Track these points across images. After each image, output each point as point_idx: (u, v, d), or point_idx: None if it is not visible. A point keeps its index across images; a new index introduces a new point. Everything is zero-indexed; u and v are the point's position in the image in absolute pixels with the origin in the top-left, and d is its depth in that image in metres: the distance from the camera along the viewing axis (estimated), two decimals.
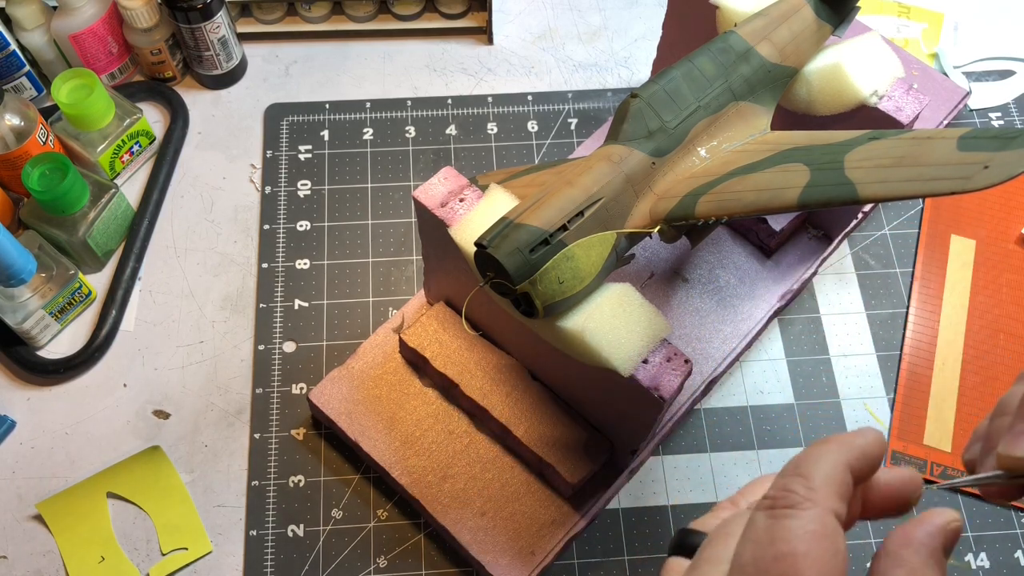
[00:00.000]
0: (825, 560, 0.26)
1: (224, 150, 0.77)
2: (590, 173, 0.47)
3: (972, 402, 0.66)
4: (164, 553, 0.61)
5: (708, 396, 0.66)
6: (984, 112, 0.79)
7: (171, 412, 0.66)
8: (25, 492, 0.63)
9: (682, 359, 0.48)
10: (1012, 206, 0.74)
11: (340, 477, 0.63)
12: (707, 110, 0.51)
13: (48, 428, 0.65)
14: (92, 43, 0.74)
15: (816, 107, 0.57)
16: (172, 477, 0.63)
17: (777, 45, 0.53)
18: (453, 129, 0.78)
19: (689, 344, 0.64)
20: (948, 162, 0.39)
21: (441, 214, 0.52)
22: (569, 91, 0.80)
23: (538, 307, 0.46)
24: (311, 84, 0.80)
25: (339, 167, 0.75)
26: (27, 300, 0.64)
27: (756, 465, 0.64)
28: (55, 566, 0.60)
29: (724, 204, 0.45)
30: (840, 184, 0.42)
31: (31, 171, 0.65)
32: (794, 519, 0.27)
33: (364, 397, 0.63)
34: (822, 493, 0.28)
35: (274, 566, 0.60)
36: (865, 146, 0.44)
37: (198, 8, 0.71)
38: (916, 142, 0.42)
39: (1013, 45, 0.83)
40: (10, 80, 0.74)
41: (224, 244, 0.72)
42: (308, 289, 0.70)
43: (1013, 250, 0.72)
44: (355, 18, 0.82)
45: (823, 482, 0.28)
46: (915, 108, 0.57)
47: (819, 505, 0.28)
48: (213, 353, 0.68)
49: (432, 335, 0.62)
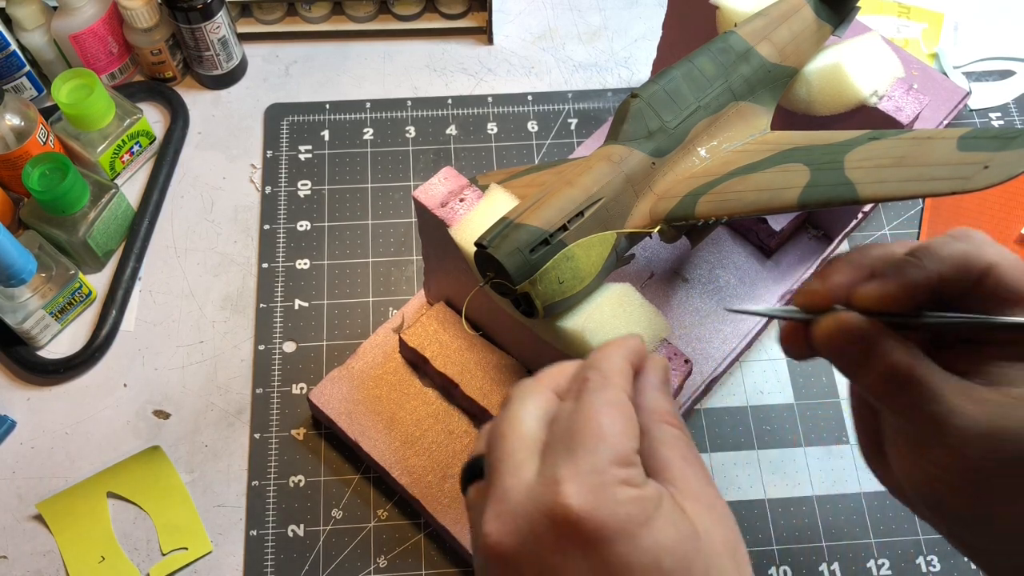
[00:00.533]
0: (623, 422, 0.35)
1: (224, 150, 0.77)
2: (590, 173, 0.47)
3: None
4: (164, 553, 0.61)
5: (708, 396, 0.66)
6: (984, 112, 0.79)
7: (171, 412, 0.66)
8: (25, 492, 0.63)
9: (682, 359, 0.48)
10: (1012, 206, 0.74)
11: (340, 477, 0.63)
12: (707, 110, 0.51)
13: (48, 428, 0.65)
14: (92, 43, 0.74)
15: (816, 107, 0.57)
16: (172, 477, 0.63)
17: (777, 45, 0.53)
18: (453, 129, 0.78)
19: (689, 344, 0.64)
20: (948, 162, 0.39)
21: (441, 214, 0.52)
22: (569, 91, 0.80)
23: (538, 307, 0.46)
24: (311, 84, 0.80)
25: (339, 167, 0.75)
26: (27, 300, 0.64)
27: (756, 465, 0.64)
28: (55, 566, 0.60)
29: (724, 204, 0.45)
30: (840, 184, 0.42)
31: (31, 171, 0.65)
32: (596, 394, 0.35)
33: (364, 397, 0.63)
34: (614, 378, 0.36)
35: (274, 566, 0.60)
36: (865, 146, 0.44)
37: (198, 8, 0.71)
38: (916, 142, 0.42)
39: (1013, 45, 0.83)
40: (10, 80, 0.74)
41: (224, 244, 0.72)
42: (308, 289, 0.70)
43: (1013, 250, 0.72)
44: (355, 18, 0.82)
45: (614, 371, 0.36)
46: (915, 108, 0.57)
47: (613, 386, 0.36)
48: (213, 353, 0.68)
49: (432, 335, 0.62)
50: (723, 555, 0.34)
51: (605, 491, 0.32)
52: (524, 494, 0.34)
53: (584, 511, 0.32)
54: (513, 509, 0.33)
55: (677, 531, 0.33)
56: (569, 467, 0.33)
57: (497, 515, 0.34)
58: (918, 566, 0.61)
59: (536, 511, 0.33)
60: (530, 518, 0.33)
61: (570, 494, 0.32)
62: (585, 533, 0.32)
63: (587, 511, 0.32)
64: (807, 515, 0.63)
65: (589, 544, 0.32)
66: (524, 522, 0.33)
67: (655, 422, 0.37)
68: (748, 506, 0.63)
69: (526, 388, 0.37)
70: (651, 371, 0.39)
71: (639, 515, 0.32)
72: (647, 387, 0.38)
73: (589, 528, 0.32)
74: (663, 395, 0.38)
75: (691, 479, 0.35)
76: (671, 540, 0.32)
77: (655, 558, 0.32)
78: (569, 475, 0.33)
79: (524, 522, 0.33)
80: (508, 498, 0.34)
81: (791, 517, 0.63)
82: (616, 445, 0.34)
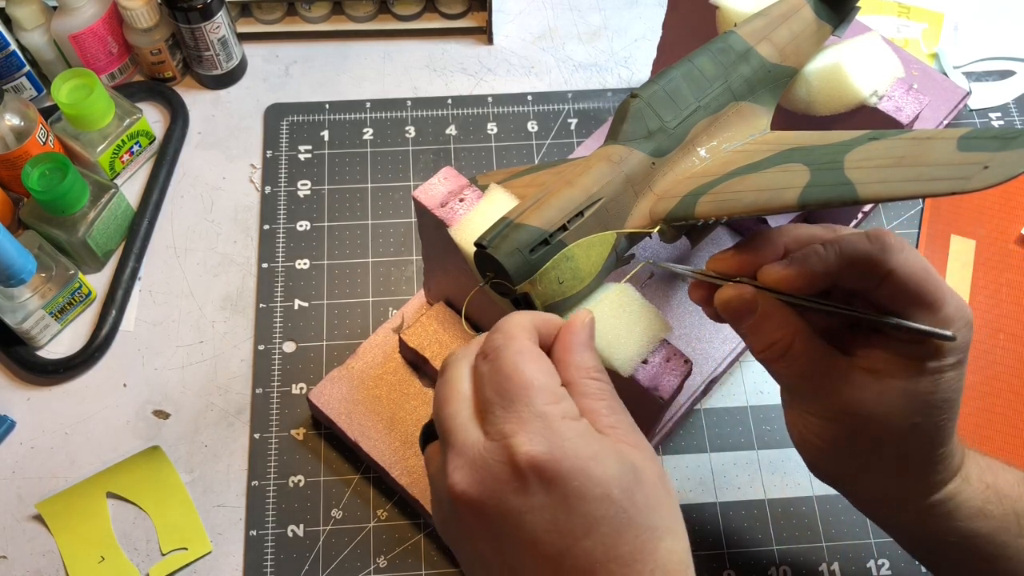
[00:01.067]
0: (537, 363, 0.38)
1: (224, 150, 0.77)
2: (590, 173, 0.47)
3: (972, 402, 0.66)
4: (164, 553, 0.61)
5: (708, 396, 0.66)
6: (984, 112, 0.79)
7: (171, 412, 0.66)
8: (25, 492, 0.63)
9: (682, 359, 0.48)
10: (1012, 206, 0.74)
11: (340, 477, 0.63)
12: (707, 110, 0.50)
13: (48, 428, 0.65)
14: (92, 43, 0.74)
15: (816, 107, 0.57)
16: (172, 477, 0.63)
17: (777, 45, 0.53)
18: (453, 129, 0.78)
19: (689, 344, 0.64)
20: (948, 162, 0.39)
21: (441, 214, 0.52)
22: (569, 91, 0.80)
23: (538, 307, 0.46)
24: (311, 84, 0.80)
25: (339, 167, 0.75)
26: (27, 300, 0.64)
27: (756, 465, 0.64)
28: (55, 566, 0.60)
29: (724, 204, 0.45)
30: (840, 184, 0.42)
31: (31, 171, 0.65)
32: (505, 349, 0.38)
33: (364, 397, 0.63)
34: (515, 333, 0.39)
35: (274, 566, 0.60)
36: (865, 146, 0.44)
37: (198, 8, 0.71)
38: (916, 142, 0.42)
39: (1013, 45, 0.83)
40: (10, 80, 0.74)
41: (224, 244, 0.72)
42: (308, 289, 0.70)
43: (1013, 250, 0.72)
44: (355, 18, 0.82)
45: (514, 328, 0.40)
46: (915, 108, 0.57)
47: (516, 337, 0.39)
48: (213, 353, 0.68)
49: (432, 335, 0.62)
50: (657, 485, 0.38)
51: (552, 432, 0.36)
52: (480, 448, 0.37)
53: (540, 455, 0.36)
54: (472, 461, 0.37)
55: (621, 464, 0.37)
56: (513, 420, 0.37)
57: (458, 468, 0.37)
58: (918, 566, 0.61)
59: (495, 462, 0.36)
60: (490, 468, 0.37)
61: (522, 442, 0.36)
62: (544, 474, 0.36)
63: (542, 454, 0.36)
64: (807, 515, 0.63)
65: (548, 482, 0.36)
66: (486, 472, 0.37)
67: (581, 377, 0.40)
68: (748, 506, 0.63)
69: (455, 358, 0.41)
70: (577, 329, 0.42)
71: (587, 449, 0.36)
72: (575, 343, 0.41)
73: (547, 468, 0.36)
74: (588, 351, 0.41)
75: (619, 426, 0.39)
76: (617, 471, 0.36)
77: (606, 488, 0.36)
78: (516, 427, 0.36)
79: (486, 472, 0.37)
80: (465, 453, 0.37)
81: (791, 517, 0.63)
82: (543, 387, 0.37)
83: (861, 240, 0.42)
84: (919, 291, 0.41)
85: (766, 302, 0.44)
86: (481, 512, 0.37)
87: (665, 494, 0.38)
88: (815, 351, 0.44)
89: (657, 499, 0.38)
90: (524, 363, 0.38)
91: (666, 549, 0.37)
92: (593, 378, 0.40)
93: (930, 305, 0.42)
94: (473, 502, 0.37)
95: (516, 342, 0.39)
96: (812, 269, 0.42)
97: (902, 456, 0.46)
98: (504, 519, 0.37)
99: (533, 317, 0.41)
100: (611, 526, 0.36)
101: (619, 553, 0.36)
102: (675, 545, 0.38)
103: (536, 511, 0.36)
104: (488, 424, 0.38)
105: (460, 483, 0.37)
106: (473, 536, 0.38)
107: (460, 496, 0.37)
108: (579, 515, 0.36)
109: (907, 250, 0.41)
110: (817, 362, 0.44)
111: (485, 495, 0.37)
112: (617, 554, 0.36)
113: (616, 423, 0.39)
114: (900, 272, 0.41)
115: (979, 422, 0.65)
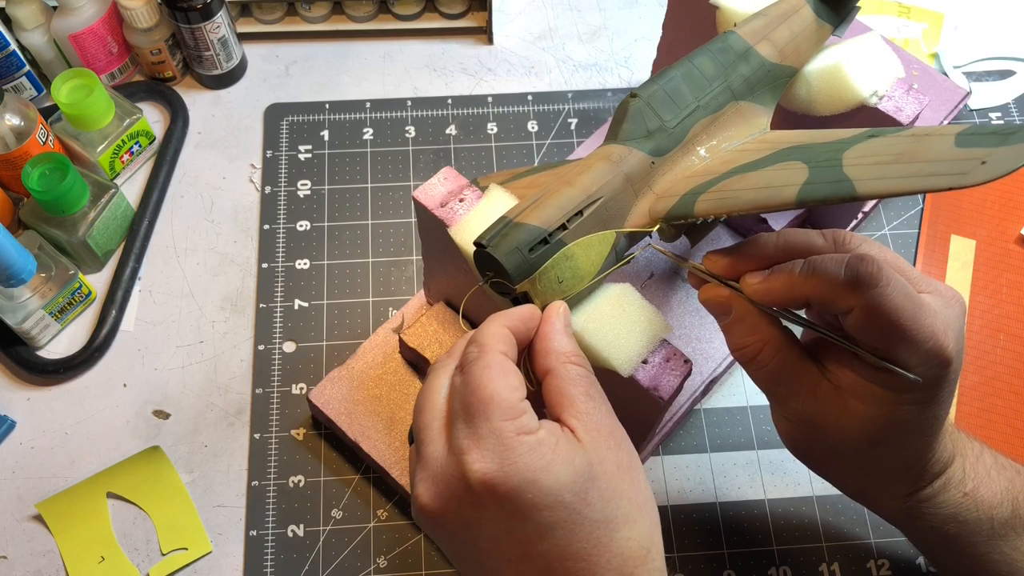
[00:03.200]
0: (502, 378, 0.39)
1: (224, 150, 0.77)
2: (589, 173, 0.47)
3: (972, 402, 0.66)
4: (164, 553, 0.61)
5: (708, 396, 0.66)
6: (984, 112, 0.79)
7: (171, 412, 0.66)
8: (25, 492, 0.63)
9: (681, 359, 0.48)
10: (1012, 206, 0.74)
11: (340, 477, 0.63)
12: (706, 110, 0.50)
13: (48, 428, 0.65)
14: (92, 43, 0.74)
15: (816, 107, 0.57)
16: (172, 477, 0.63)
17: (777, 45, 0.53)
18: (453, 129, 0.78)
19: (689, 344, 0.64)
20: (946, 158, 0.39)
21: (441, 214, 0.52)
22: (569, 91, 0.80)
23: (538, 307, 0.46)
24: (311, 84, 0.80)
25: (339, 167, 0.75)
26: (27, 300, 0.64)
27: (756, 465, 0.64)
28: (55, 566, 0.60)
29: (723, 203, 0.45)
30: (838, 181, 0.42)
31: (31, 171, 0.65)
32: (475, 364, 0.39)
33: (364, 397, 0.63)
34: (488, 345, 0.40)
35: (274, 566, 0.60)
36: (864, 143, 0.44)
37: (198, 8, 0.71)
38: (914, 139, 0.42)
39: (1013, 45, 0.82)
40: (10, 80, 0.74)
41: (224, 244, 0.72)
42: (308, 289, 0.70)
43: (1013, 250, 0.72)
44: (355, 18, 0.82)
45: (488, 340, 0.40)
46: (915, 108, 0.57)
47: (488, 351, 0.40)
48: (213, 353, 0.68)
49: (432, 335, 0.62)
50: (615, 475, 0.39)
51: (505, 449, 0.37)
52: (440, 463, 0.39)
53: (491, 473, 0.37)
54: (434, 475, 0.39)
55: (573, 468, 0.38)
56: (471, 436, 0.38)
57: (422, 480, 0.39)
58: (919, 567, 0.61)
59: (452, 477, 0.38)
60: (448, 483, 0.38)
61: (474, 460, 0.37)
62: (495, 490, 0.37)
63: (493, 472, 0.37)
64: (807, 515, 0.63)
65: (500, 497, 0.37)
66: (444, 487, 0.38)
67: (561, 363, 0.42)
68: (748, 506, 0.63)
69: (439, 365, 0.42)
70: (553, 318, 0.43)
71: (539, 461, 0.38)
72: (552, 332, 0.43)
73: (498, 486, 0.37)
74: (566, 337, 0.43)
75: (593, 412, 0.40)
76: (568, 477, 0.38)
77: (557, 496, 0.37)
78: (471, 444, 0.38)
79: (444, 487, 0.38)
80: (428, 465, 0.39)
81: (791, 517, 0.63)
82: (502, 403, 0.38)
83: (836, 267, 0.41)
84: (885, 331, 0.41)
85: (740, 307, 0.45)
86: (442, 523, 0.39)
87: (627, 482, 0.40)
88: (785, 359, 0.44)
89: (614, 491, 0.39)
90: (489, 378, 0.39)
91: (623, 538, 0.39)
92: (572, 363, 0.42)
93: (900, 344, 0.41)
94: (434, 513, 0.39)
95: (486, 356, 0.40)
96: (783, 287, 0.43)
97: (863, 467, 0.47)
98: (463, 529, 0.39)
99: (509, 319, 0.42)
100: (565, 528, 0.38)
101: (574, 551, 0.38)
102: (632, 532, 0.39)
103: (491, 523, 0.38)
104: (452, 438, 0.39)
105: (423, 495, 0.39)
106: (440, 540, 0.41)
107: (423, 508, 0.39)
108: (532, 523, 0.38)
109: (884, 285, 0.40)
110: (786, 370, 0.45)
111: (443, 508, 0.39)
112: (572, 552, 0.38)
113: (590, 410, 0.40)
114: (869, 308, 0.41)
115: (979, 422, 0.65)
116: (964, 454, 0.48)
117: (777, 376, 0.45)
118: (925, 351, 0.41)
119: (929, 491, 0.47)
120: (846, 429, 0.44)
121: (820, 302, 0.42)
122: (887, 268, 0.41)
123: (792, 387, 0.45)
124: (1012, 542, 0.49)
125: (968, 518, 0.48)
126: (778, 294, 0.43)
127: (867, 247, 0.44)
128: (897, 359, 0.42)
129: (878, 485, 0.49)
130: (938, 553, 0.52)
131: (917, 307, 0.41)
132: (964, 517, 0.48)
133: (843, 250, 0.44)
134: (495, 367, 0.39)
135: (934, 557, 0.53)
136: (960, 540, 0.49)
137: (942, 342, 0.41)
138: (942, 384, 0.43)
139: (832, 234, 0.45)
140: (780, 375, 0.45)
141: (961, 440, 0.49)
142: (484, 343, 0.41)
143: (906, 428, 0.44)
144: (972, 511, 0.48)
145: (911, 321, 0.41)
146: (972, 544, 0.49)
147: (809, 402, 0.45)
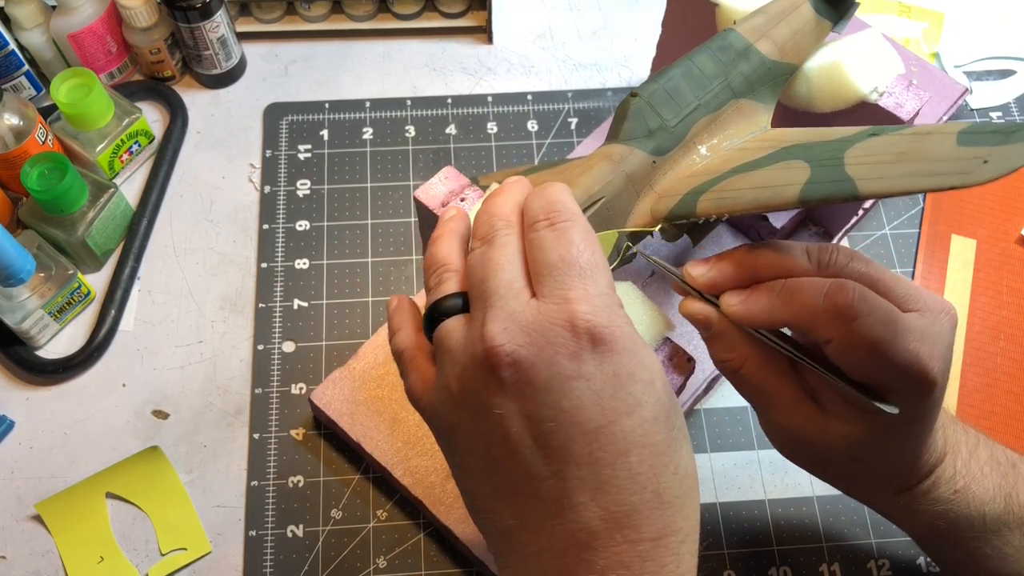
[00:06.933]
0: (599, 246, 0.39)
1: (223, 150, 0.76)
2: (591, 172, 0.47)
3: (972, 403, 0.66)
4: (163, 553, 0.61)
5: (708, 396, 0.66)
6: (985, 112, 0.79)
7: (170, 412, 0.65)
8: (24, 492, 0.62)
9: (685, 357, 0.48)
10: (1013, 206, 0.74)
11: (340, 477, 0.63)
12: (707, 108, 0.50)
13: (47, 428, 0.65)
14: (91, 42, 0.74)
15: (816, 104, 0.57)
16: (171, 477, 0.63)
17: (777, 42, 0.53)
18: (453, 129, 0.77)
19: (691, 343, 0.64)
20: (948, 157, 0.39)
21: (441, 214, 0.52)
22: (569, 91, 0.80)
23: None
24: (310, 83, 0.80)
25: (339, 167, 0.75)
26: (26, 300, 0.64)
27: (756, 465, 0.64)
28: (54, 566, 0.60)
29: (725, 202, 0.45)
30: (840, 181, 0.42)
31: (30, 171, 0.65)
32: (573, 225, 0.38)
33: (366, 398, 0.62)
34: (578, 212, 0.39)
35: (273, 566, 0.60)
36: (865, 142, 0.44)
37: (197, 7, 0.71)
38: (916, 138, 0.42)
39: (1013, 45, 0.82)
40: (9, 79, 0.74)
41: (223, 244, 0.72)
42: (308, 289, 0.70)
43: (1014, 250, 0.72)
44: (355, 17, 0.82)
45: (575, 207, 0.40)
46: (915, 104, 0.57)
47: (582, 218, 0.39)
48: (212, 353, 0.68)
49: None
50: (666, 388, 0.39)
51: (613, 314, 0.37)
52: (535, 311, 0.37)
53: (601, 323, 0.36)
54: (524, 324, 0.36)
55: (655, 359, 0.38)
56: (579, 289, 0.37)
57: (505, 330, 0.36)
58: (919, 567, 0.61)
59: (551, 324, 0.36)
60: (544, 330, 0.36)
61: (586, 310, 0.36)
62: (601, 343, 0.36)
63: (604, 323, 0.36)
64: (807, 515, 0.63)
65: (602, 353, 0.36)
66: (538, 334, 0.36)
67: None
68: (748, 506, 0.63)
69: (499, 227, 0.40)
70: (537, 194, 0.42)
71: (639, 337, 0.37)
72: None
73: (606, 337, 0.36)
74: None
75: None
76: (659, 368, 0.38)
77: (651, 376, 0.37)
78: (580, 296, 0.36)
79: (538, 334, 0.36)
80: (516, 316, 0.37)
81: (791, 517, 0.63)
82: (608, 272, 0.38)
83: (816, 296, 0.41)
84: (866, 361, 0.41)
85: (720, 323, 0.45)
86: (527, 376, 0.36)
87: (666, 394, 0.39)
88: (767, 376, 0.44)
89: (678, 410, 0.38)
90: (595, 243, 0.38)
91: (687, 452, 0.38)
92: None
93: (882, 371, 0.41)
94: (521, 364, 0.36)
95: (583, 220, 0.39)
96: (761, 312, 0.43)
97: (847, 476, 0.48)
98: (550, 384, 0.36)
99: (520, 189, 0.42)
100: (651, 412, 0.36)
101: (654, 440, 0.36)
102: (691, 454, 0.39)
103: (585, 379, 0.36)
104: (546, 288, 0.37)
105: (507, 344, 0.36)
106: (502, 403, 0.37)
107: (506, 356, 0.36)
108: (625, 393, 0.36)
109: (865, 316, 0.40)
110: (768, 385, 0.44)
111: (536, 356, 0.36)
112: (652, 441, 0.36)
113: None
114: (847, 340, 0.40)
115: (979, 423, 0.65)
116: (957, 451, 0.48)
117: (759, 391, 0.45)
118: (909, 377, 0.41)
119: (918, 490, 0.47)
120: (828, 445, 0.44)
121: (798, 329, 0.42)
122: (869, 297, 0.40)
123: (774, 402, 0.45)
124: (1005, 536, 0.49)
125: (959, 514, 0.48)
126: (756, 318, 0.43)
127: (854, 264, 0.43)
128: (879, 383, 0.41)
129: (864, 490, 0.49)
130: (931, 546, 0.52)
131: (900, 334, 0.40)
132: (955, 513, 0.48)
133: (827, 271, 0.43)
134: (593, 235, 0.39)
135: (927, 549, 0.53)
136: (951, 535, 0.49)
137: (926, 366, 0.40)
138: (926, 405, 0.42)
139: (817, 253, 0.44)
140: (762, 390, 0.45)
141: (955, 435, 0.48)
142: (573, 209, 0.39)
143: (889, 446, 0.44)
144: (963, 508, 0.48)
145: (892, 350, 0.40)
146: (963, 539, 0.49)
147: (791, 417, 0.44)
